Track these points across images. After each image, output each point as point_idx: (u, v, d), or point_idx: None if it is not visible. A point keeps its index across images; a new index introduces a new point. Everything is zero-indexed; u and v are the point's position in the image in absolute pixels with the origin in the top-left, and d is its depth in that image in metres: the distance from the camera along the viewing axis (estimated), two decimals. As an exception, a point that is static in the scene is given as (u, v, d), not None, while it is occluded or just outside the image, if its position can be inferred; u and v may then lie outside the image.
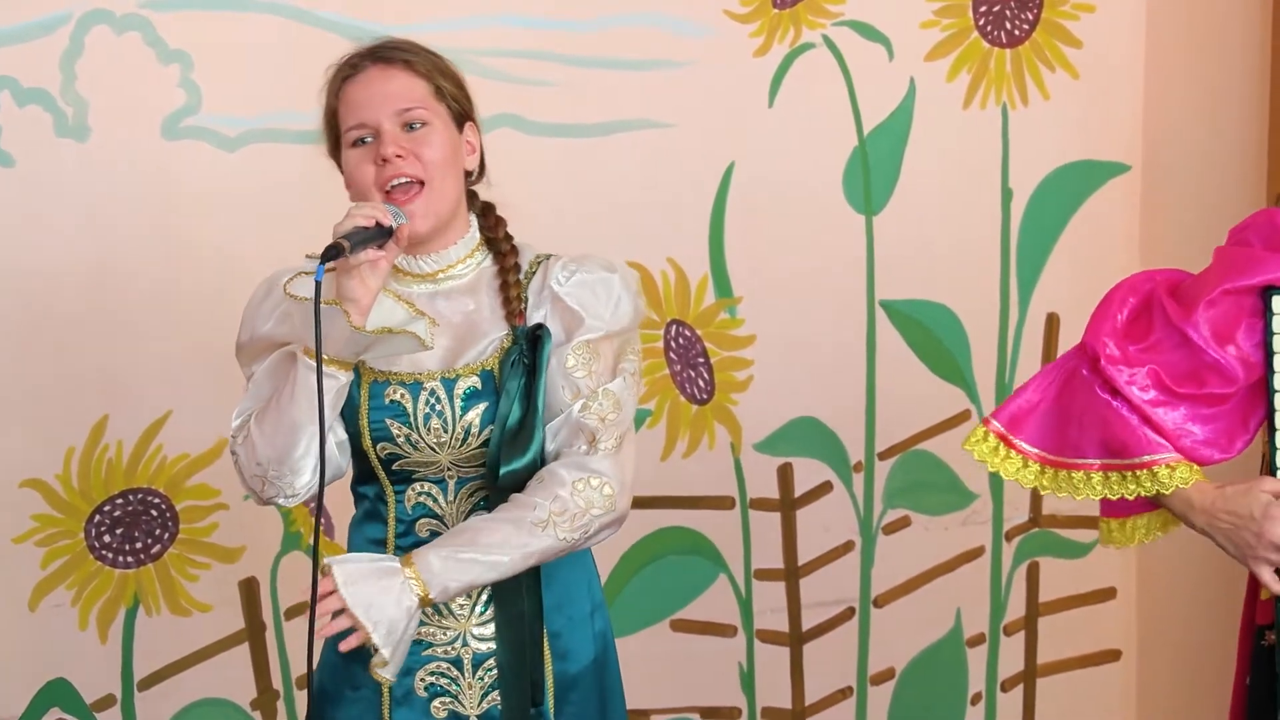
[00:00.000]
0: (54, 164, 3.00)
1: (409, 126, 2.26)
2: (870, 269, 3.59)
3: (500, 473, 2.24)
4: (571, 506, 2.22)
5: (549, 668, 2.35)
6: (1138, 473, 2.35)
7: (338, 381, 2.22)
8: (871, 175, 3.56)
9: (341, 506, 2.46)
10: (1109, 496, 2.39)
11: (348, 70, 2.31)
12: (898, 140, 3.57)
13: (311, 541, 2.28)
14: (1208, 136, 3.68)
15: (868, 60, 3.52)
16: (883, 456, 3.65)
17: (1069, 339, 3.74)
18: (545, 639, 2.34)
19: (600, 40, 3.30)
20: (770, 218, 3.49)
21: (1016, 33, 3.63)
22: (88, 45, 3.01)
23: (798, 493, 3.58)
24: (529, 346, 2.27)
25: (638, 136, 3.36)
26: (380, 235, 2.18)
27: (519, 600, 2.30)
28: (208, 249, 3.09)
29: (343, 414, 2.29)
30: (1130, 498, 2.38)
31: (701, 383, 3.49)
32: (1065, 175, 3.71)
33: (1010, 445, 2.46)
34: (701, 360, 3.48)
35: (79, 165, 3.02)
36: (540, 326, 2.28)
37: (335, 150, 2.34)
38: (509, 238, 2.37)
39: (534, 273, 2.35)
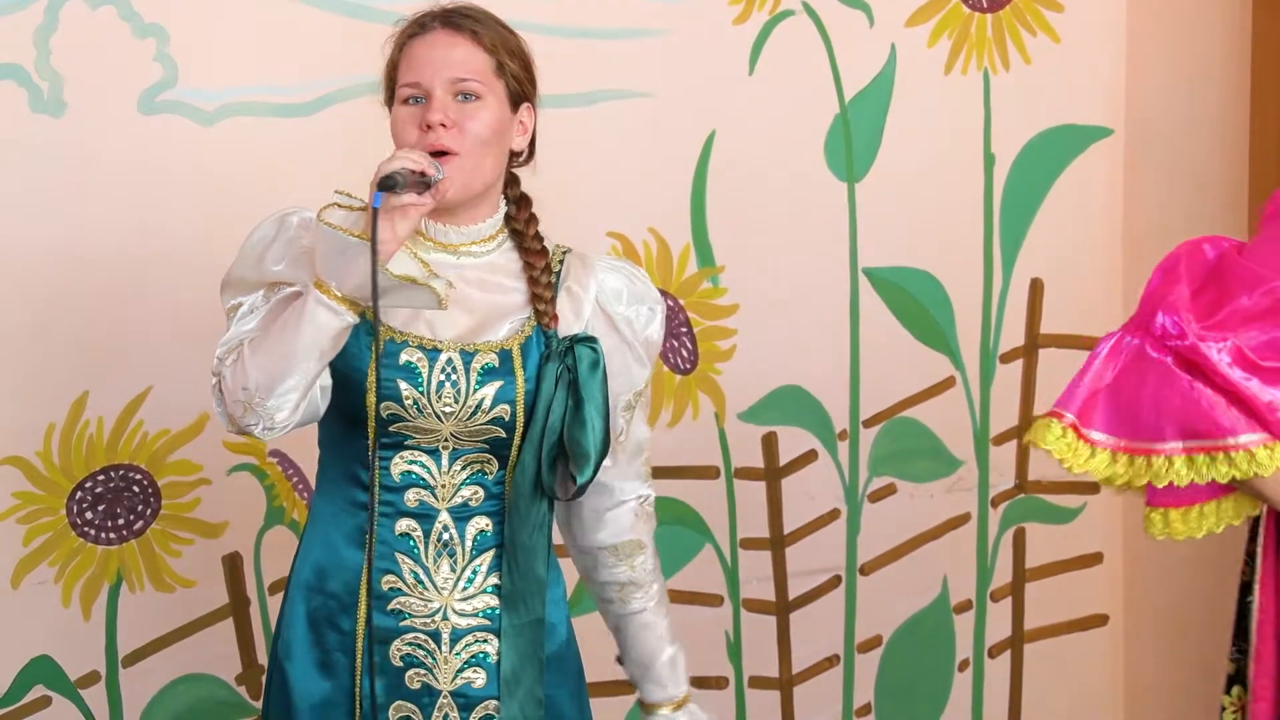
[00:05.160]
0: (29, 140, 2.98)
1: (462, 97, 2.26)
2: (853, 236, 3.58)
3: (579, 483, 2.30)
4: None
5: None
6: (1231, 454, 2.25)
7: (344, 321, 2.19)
8: (853, 142, 3.55)
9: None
10: (1196, 481, 2.28)
11: (416, 28, 2.31)
12: (879, 107, 3.56)
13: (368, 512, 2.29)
14: (1190, 99, 3.67)
15: (848, 26, 3.50)
16: (867, 424, 3.65)
17: (1053, 304, 3.75)
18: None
19: (578, 9, 3.28)
20: (752, 186, 3.48)
21: (998, -4, 3.63)
22: (62, 20, 2.98)
23: (782, 461, 3.58)
24: (569, 353, 2.30)
25: (617, 106, 3.35)
26: (421, 185, 2.17)
27: (535, 606, 2.34)
28: (185, 223, 3.07)
29: (350, 369, 2.28)
30: (1222, 480, 2.27)
31: (685, 353, 3.49)
32: (1048, 140, 3.70)
33: (1081, 436, 2.32)
34: (684, 330, 3.48)
35: (54, 141, 2.99)
36: (590, 340, 2.31)
37: (390, 101, 2.33)
38: (539, 237, 2.36)
39: (560, 262, 2.37)
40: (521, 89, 2.33)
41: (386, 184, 2.13)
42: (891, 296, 3.62)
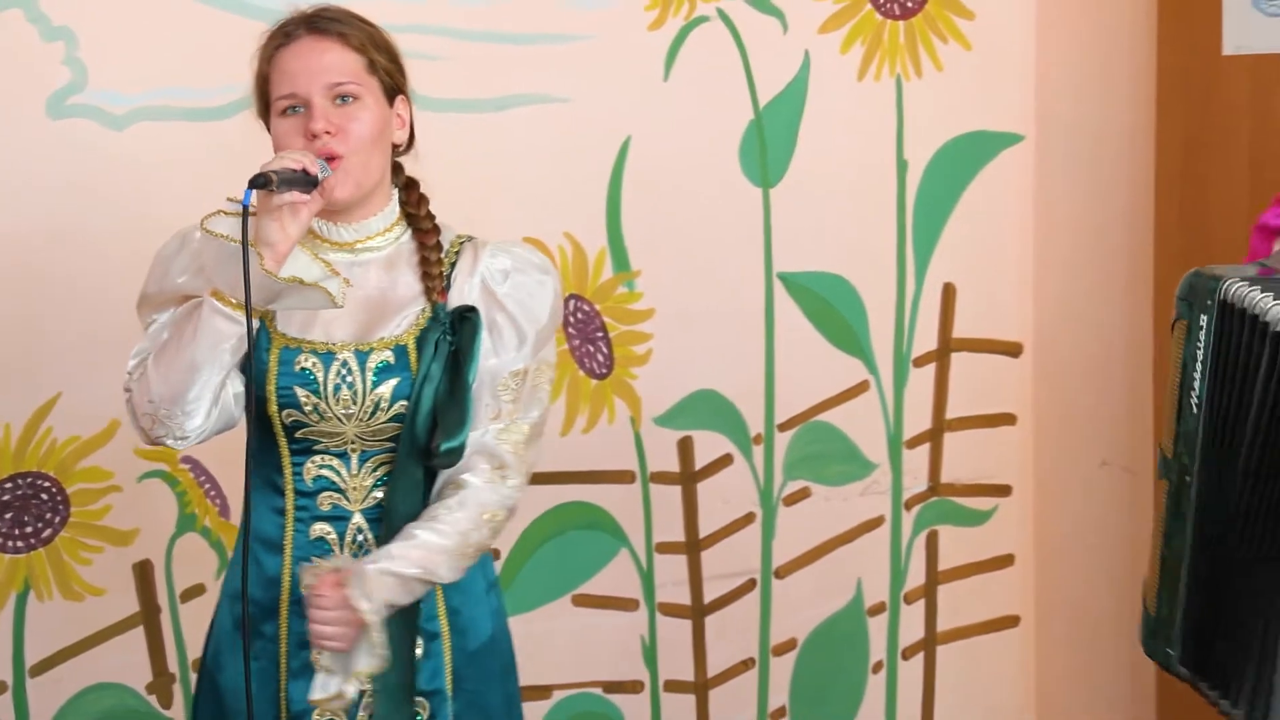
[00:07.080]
0: (-65, 144, 2.95)
1: (340, 100, 2.26)
2: (768, 241, 3.60)
3: (441, 449, 2.24)
4: (490, 527, 2.30)
5: (447, 644, 2.35)
6: None
7: (241, 327, 2.19)
8: (768, 148, 3.57)
9: (236, 485, 2.43)
10: None
11: (281, 38, 2.30)
12: (793, 113, 3.58)
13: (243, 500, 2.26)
14: (1100, 105, 3.72)
15: (762, 33, 3.52)
16: (782, 428, 3.66)
17: (965, 308, 3.79)
18: (445, 615, 2.35)
19: (493, 13, 3.28)
20: (667, 191, 3.49)
21: (909, 4, 3.65)
22: (-32, 23, 2.95)
23: (698, 465, 3.59)
24: (452, 327, 2.27)
25: (532, 111, 3.35)
26: (306, 183, 2.18)
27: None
28: (95, 228, 3.04)
29: (253, 379, 2.28)
30: None
31: (600, 357, 3.49)
32: (959, 146, 3.73)
33: None
34: (600, 335, 3.48)
35: (-39, 145, 2.96)
36: (471, 309, 2.28)
37: (265, 113, 2.33)
38: (431, 216, 2.36)
39: (457, 252, 2.34)
40: (394, 82, 2.34)
41: (258, 181, 2.13)
42: (806, 301, 3.64)
